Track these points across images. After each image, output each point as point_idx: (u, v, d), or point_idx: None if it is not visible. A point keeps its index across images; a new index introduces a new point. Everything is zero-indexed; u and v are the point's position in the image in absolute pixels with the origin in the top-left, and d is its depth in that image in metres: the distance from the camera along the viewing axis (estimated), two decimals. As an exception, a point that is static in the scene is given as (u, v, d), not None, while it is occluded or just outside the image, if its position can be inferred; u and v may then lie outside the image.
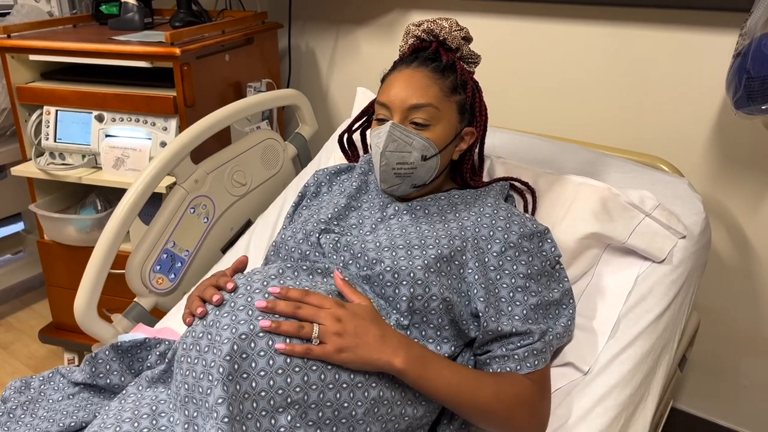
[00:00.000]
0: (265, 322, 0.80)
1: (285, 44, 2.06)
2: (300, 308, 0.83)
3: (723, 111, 1.43)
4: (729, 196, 1.48)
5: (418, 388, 0.86)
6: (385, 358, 0.83)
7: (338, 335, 0.82)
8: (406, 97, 1.01)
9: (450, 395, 0.86)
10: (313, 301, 0.84)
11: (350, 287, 0.90)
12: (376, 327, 0.85)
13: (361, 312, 0.86)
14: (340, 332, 0.82)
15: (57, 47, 1.64)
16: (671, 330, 1.08)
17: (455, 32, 1.06)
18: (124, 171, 1.65)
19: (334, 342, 0.81)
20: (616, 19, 1.50)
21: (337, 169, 1.21)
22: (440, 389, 0.86)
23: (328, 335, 0.81)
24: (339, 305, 0.85)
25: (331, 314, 0.83)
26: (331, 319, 0.83)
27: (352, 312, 0.85)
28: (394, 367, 0.83)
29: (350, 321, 0.83)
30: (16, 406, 0.95)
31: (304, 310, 0.83)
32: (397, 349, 0.84)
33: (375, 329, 0.84)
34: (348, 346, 0.81)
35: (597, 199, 1.12)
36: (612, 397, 0.97)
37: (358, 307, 0.86)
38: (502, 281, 0.96)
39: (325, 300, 0.85)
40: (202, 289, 0.90)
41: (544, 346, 0.93)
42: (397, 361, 0.83)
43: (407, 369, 0.83)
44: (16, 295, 2.38)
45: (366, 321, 0.84)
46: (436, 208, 1.05)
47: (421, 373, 0.84)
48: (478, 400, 0.87)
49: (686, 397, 1.70)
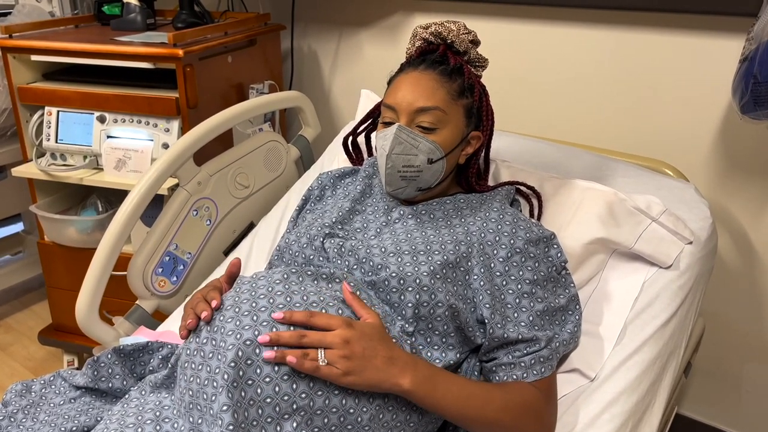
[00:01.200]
0: (269, 354, 0.78)
1: (287, 46, 2.05)
2: (304, 337, 0.80)
3: (729, 116, 1.43)
4: (734, 201, 1.48)
5: (427, 407, 0.85)
6: (393, 380, 0.82)
7: (346, 358, 0.80)
8: (413, 99, 1.00)
9: (458, 412, 0.86)
10: (319, 322, 0.82)
11: (359, 302, 0.87)
12: (385, 348, 0.83)
13: (370, 331, 0.84)
14: (348, 355, 0.80)
15: (59, 48, 1.63)
16: (678, 336, 1.08)
17: (463, 35, 1.06)
18: (126, 172, 1.64)
19: (342, 365, 0.79)
20: (623, 24, 1.50)
21: (342, 172, 1.21)
22: (449, 407, 0.85)
23: (336, 358, 0.80)
24: (347, 325, 0.82)
25: (340, 336, 0.81)
26: (340, 342, 0.80)
27: (360, 332, 0.83)
28: (401, 389, 0.82)
29: (358, 343, 0.81)
30: (17, 410, 0.95)
31: (309, 338, 0.80)
32: (405, 370, 0.82)
33: (383, 350, 0.83)
34: (355, 369, 0.80)
35: (603, 203, 1.11)
36: (619, 403, 0.96)
37: (366, 326, 0.84)
38: (508, 287, 0.95)
39: (333, 320, 0.83)
40: (194, 303, 0.89)
41: (550, 353, 0.92)
42: (404, 383, 0.82)
43: (415, 390, 0.82)
44: (15, 296, 2.37)
45: (374, 341, 0.83)
46: (442, 213, 1.05)
47: (429, 393, 0.84)
48: (486, 414, 0.87)
49: (689, 403, 1.70)
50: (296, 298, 0.86)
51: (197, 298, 0.90)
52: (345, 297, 0.88)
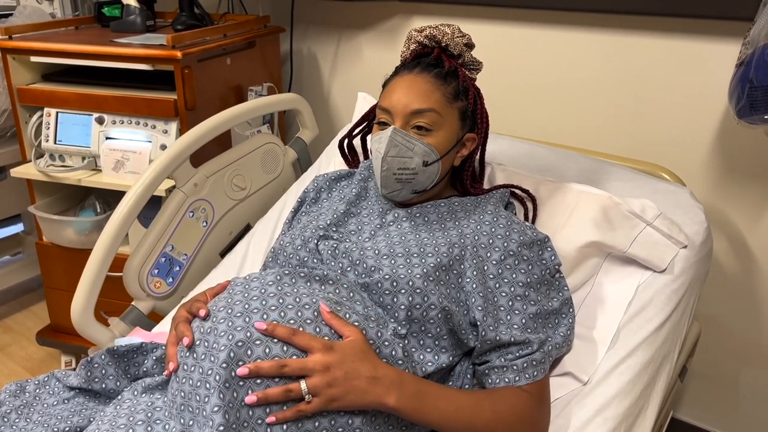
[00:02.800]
0: (251, 398, 0.77)
1: (287, 48, 2.06)
2: (285, 367, 0.79)
3: (725, 120, 1.43)
4: (730, 205, 1.48)
5: (415, 422, 0.85)
6: (378, 399, 0.81)
7: (328, 386, 0.79)
8: (408, 102, 1.00)
9: (448, 426, 0.85)
10: (300, 343, 0.81)
11: (339, 320, 0.85)
12: (368, 367, 0.82)
13: (351, 352, 0.82)
14: (330, 382, 0.79)
15: (58, 49, 1.64)
16: (672, 340, 1.07)
17: (458, 38, 1.06)
18: (124, 173, 1.64)
19: (325, 394, 0.79)
20: (619, 27, 1.50)
21: (337, 174, 1.21)
22: (437, 422, 0.85)
23: (318, 388, 0.79)
24: (327, 349, 0.81)
25: (319, 363, 0.79)
26: (320, 370, 0.79)
27: (342, 354, 0.81)
28: (387, 407, 0.82)
29: (339, 367, 0.80)
30: (11, 410, 0.95)
31: (289, 368, 0.79)
32: (390, 389, 0.82)
33: (366, 370, 0.81)
34: (338, 395, 0.79)
35: (598, 207, 1.11)
36: (611, 407, 0.96)
37: (348, 347, 0.82)
38: (501, 290, 0.95)
39: (313, 342, 0.81)
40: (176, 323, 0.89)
41: (543, 356, 0.92)
42: (390, 401, 0.81)
43: (401, 407, 0.82)
44: (14, 297, 2.37)
45: (356, 362, 0.81)
46: (436, 216, 1.05)
47: (416, 408, 0.83)
48: (476, 425, 0.86)
49: (686, 407, 1.69)
50: (289, 300, 0.86)
51: (179, 316, 0.90)
52: (324, 317, 0.85)
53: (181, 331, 0.86)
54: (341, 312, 0.87)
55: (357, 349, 0.83)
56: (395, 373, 0.84)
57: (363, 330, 0.86)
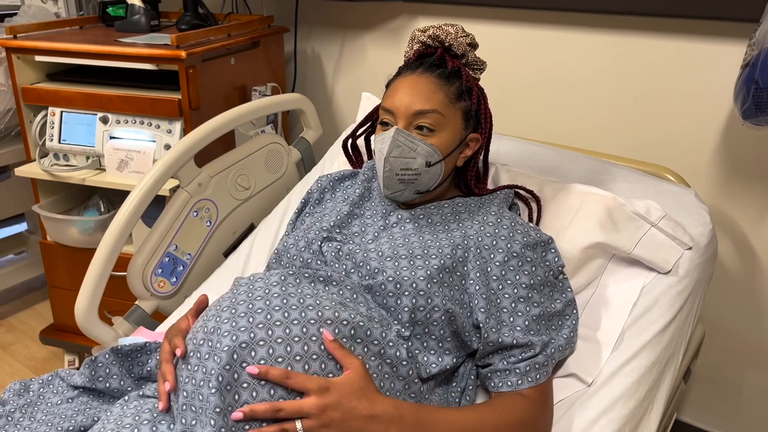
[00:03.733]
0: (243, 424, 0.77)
1: (291, 48, 2.05)
2: (280, 411, 0.77)
3: (730, 121, 1.42)
4: (735, 206, 1.47)
5: None
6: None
7: (324, 427, 0.77)
8: (411, 103, 1.00)
9: None
10: (295, 385, 0.79)
11: (342, 350, 0.82)
12: (365, 405, 0.79)
13: (348, 390, 0.80)
14: (327, 424, 0.77)
15: (63, 48, 1.64)
16: (676, 342, 1.07)
17: (461, 38, 1.06)
18: (128, 173, 1.64)
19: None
20: (623, 29, 1.50)
21: (341, 175, 1.21)
22: None
23: (314, 430, 0.77)
24: (323, 390, 0.79)
25: (315, 406, 0.77)
26: (316, 413, 0.77)
27: (338, 394, 0.79)
28: None
29: (336, 409, 0.78)
30: (15, 409, 0.95)
31: (285, 411, 0.77)
32: (389, 426, 0.80)
33: (364, 408, 0.79)
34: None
35: (602, 208, 1.11)
36: (616, 409, 0.96)
37: (345, 385, 0.80)
38: (504, 291, 0.95)
39: (308, 383, 0.79)
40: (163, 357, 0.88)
41: (545, 359, 0.92)
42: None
43: None
44: (17, 296, 2.38)
45: (353, 401, 0.79)
46: (440, 217, 1.05)
47: None
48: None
49: (689, 409, 1.69)
50: (292, 301, 0.86)
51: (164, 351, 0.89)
52: (327, 346, 0.82)
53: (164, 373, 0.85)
54: (345, 313, 0.86)
55: (355, 387, 0.80)
56: (394, 408, 0.81)
57: (368, 331, 0.86)
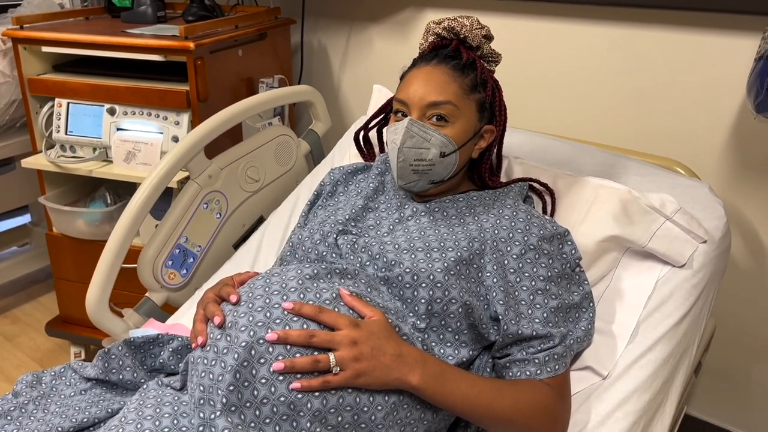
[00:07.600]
0: (279, 365, 0.78)
1: (297, 40, 2.05)
2: (314, 337, 0.79)
3: (742, 115, 1.42)
4: (746, 200, 1.47)
5: (436, 403, 0.85)
6: (402, 377, 0.81)
7: (356, 360, 0.79)
8: (425, 94, 1.00)
9: (468, 409, 0.85)
10: (327, 320, 0.81)
11: (360, 301, 0.86)
12: (393, 345, 0.83)
13: (377, 329, 0.83)
14: (357, 357, 0.79)
15: (69, 39, 1.63)
16: (691, 335, 1.07)
17: (476, 30, 1.05)
18: (135, 165, 1.64)
19: (353, 368, 0.79)
20: (637, 21, 1.49)
21: (354, 168, 1.20)
22: (458, 403, 0.85)
23: (346, 361, 0.79)
24: (354, 325, 0.82)
25: (347, 337, 0.80)
26: (348, 344, 0.80)
27: (368, 332, 0.82)
28: (410, 385, 0.82)
29: (366, 343, 0.81)
30: (28, 401, 0.94)
31: (318, 338, 0.80)
32: (414, 367, 0.82)
33: (391, 348, 0.82)
34: (365, 370, 0.80)
35: (617, 201, 1.10)
36: (631, 402, 0.96)
37: (373, 325, 0.83)
38: (522, 284, 0.95)
39: (340, 319, 0.82)
40: (204, 304, 0.88)
41: (564, 350, 0.92)
42: (413, 379, 0.82)
43: (424, 386, 0.82)
44: (21, 288, 2.38)
45: (382, 339, 0.82)
46: (455, 211, 1.04)
47: (438, 389, 0.83)
48: (496, 411, 0.86)
49: (697, 403, 1.69)
50: (309, 296, 0.85)
51: (208, 298, 0.90)
52: (344, 300, 0.86)
53: (212, 311, 0.86)
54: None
55: (381, 327, 0.83)
56: (419, 353, 0.84)
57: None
